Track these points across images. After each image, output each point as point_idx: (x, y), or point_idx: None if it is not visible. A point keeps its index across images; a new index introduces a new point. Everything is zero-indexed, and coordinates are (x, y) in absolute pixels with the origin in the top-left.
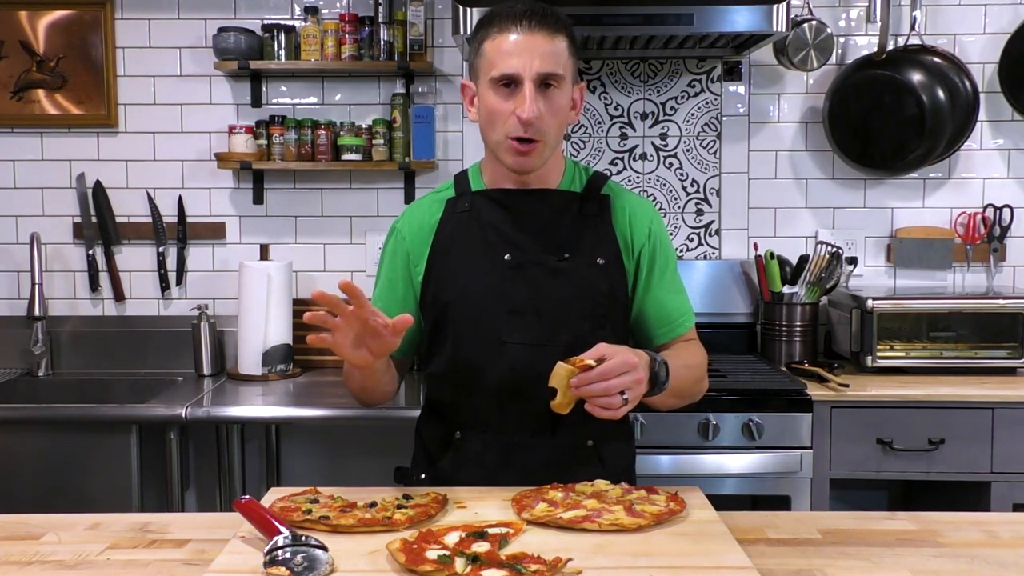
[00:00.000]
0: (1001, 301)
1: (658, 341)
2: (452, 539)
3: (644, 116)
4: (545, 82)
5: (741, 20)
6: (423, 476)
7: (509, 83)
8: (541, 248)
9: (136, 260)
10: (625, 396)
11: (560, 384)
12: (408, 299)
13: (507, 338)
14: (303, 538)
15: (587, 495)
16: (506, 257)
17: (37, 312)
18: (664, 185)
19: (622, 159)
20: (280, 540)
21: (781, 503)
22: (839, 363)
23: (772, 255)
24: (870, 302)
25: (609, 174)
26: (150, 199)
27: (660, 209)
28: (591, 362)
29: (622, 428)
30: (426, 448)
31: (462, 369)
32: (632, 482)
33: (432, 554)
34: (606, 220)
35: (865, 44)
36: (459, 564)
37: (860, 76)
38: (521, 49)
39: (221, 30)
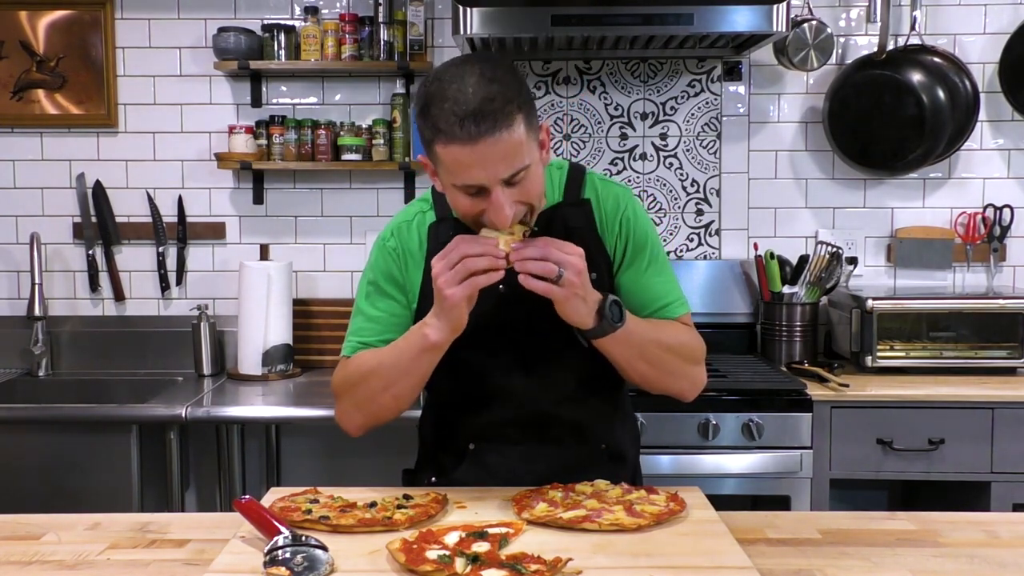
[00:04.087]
0: (1001, 301)
1: None
2: (452, 539)
3: (644, 116)
4: (512, 178)
5: (741, 20)
6: (433, 479)
7: (475, 189)
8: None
9: (136, 260)
10: (561, 272)
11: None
12: (407, 313)
13: (510, 360)
14: (303, 538)
15: (587, 495)
16: (500, 288)
17: (37, 312)
18: (664, 185)
19: (622, 159)
20: (280, 540)
21: (781, 503)
22: (839, 363)
23: (772, 255)
24: (870, 302)
25: (586, 166)
26: (150, 199)
27: (660, 209)
28: (535, 228)
29: (631, 430)
30: (435, 456)
31: (464, 393)
32: (639, 483)
33: (432, 554)
34: (591, 227)
35: (865, 44)
36: (459, 564)
37: (860, 76)
38: (478, 159)
39: (221, 30)
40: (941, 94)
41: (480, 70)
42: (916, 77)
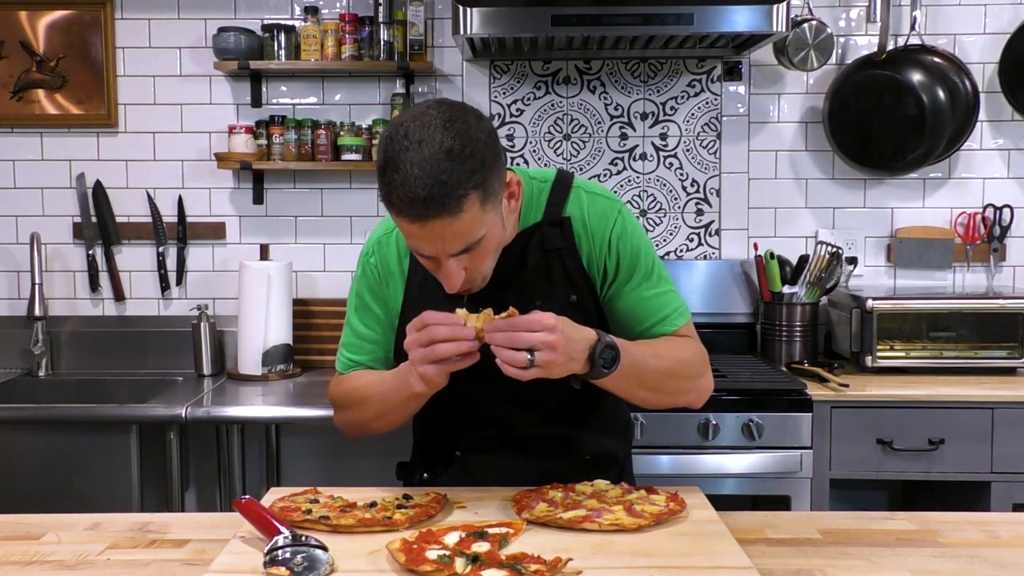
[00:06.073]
0: (1001, 301)
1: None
2: (452, 539)
3: (644, 116)
4: (463, 251)
5: (741, 20)
6: (425, 475)
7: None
8: (513, 299)
9: (136, 260)
10: (532, 357)
11: (476, 328)
12: (393, 325)
13: (491, 384)
14: (303, 538)
15: (587, 495)
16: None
17: (37, 312)
18: (664, 185)
19: (622, 159)
20: (280, 540)
21: (781, 503)
22: (839, 363)
23: (772, 255)
24: (870, 302)
25: (575, 173)
26: (150, 199)
27: (660, 209)
28: (511, 311)
29: (621, 433)
30: (424, 457)
31: (449, 410)
32: (632, 484)
33: (432, 554)
34: (571, 248)
35: (865, 44)
36: (459, 564)
37: (860, 76)
38: (428, 235)
39: (221, 30)
40: (941, 94)
41: (441, 138)
42: (916, 77)
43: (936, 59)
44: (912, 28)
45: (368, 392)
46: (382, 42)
